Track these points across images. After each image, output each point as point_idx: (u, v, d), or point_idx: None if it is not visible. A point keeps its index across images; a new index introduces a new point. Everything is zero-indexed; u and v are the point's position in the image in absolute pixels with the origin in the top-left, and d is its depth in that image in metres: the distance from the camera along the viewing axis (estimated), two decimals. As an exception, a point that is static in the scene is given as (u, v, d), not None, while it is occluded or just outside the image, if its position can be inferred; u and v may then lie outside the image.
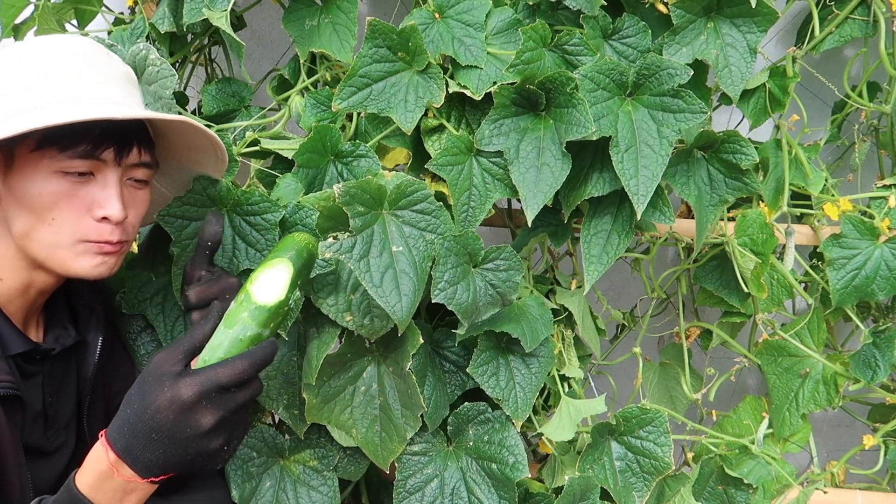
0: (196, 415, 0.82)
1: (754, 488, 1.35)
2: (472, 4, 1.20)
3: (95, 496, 0.84)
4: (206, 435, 0.83)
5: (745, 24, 1.24)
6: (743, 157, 1.24)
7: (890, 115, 1.46)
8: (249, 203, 1.14)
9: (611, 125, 1.16)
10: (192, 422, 0.82)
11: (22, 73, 0.93)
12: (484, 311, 1.16)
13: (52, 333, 1.05)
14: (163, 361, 0.85)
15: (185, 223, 1.13)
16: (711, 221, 1.29)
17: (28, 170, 0.92)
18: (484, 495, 1.20)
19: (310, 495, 1.22)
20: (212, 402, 0.83)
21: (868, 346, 1.38)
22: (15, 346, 0.97)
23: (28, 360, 0.99)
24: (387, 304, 1.05)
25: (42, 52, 0.95)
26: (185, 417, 0.82)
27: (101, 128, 0.92)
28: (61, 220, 0.93)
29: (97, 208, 0.94)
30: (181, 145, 1.07)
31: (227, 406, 0.84)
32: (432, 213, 1.11)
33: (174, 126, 1.02)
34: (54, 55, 0.95)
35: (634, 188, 1.15)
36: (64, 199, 0.93)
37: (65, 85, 0.93)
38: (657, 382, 1.54)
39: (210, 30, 1.40)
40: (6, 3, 1.46)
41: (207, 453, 0.84)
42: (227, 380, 0.84)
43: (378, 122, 1.24)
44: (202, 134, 1.01)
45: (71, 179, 0.93)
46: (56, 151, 0.92)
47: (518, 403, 1.21)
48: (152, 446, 0.82)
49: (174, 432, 0.82)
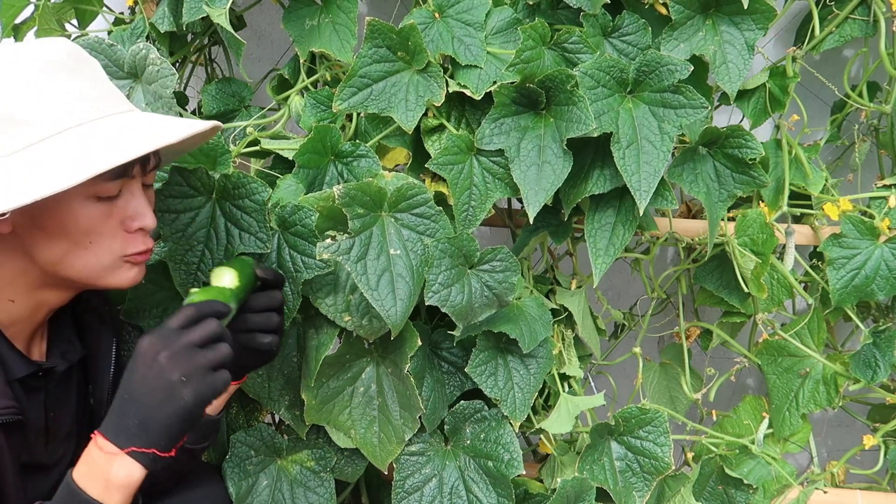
0: (153, 357, 0.86)
1: (754, 488, 1.35)
2: (472, 4, 1.20)
3: (87, 485, 0.84)
4: (162, 368, 0.85)
5: (744, 22, 1.24)
6: (748, 151, 1.24)
7: (890, 115, 1.46)
8: (235, 187, 1.12)
9: (612, 122, 1.16)
10: (151, 364, 0.85)
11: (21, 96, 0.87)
12: (480, 313, 1.15)
13: (57, 349, 1.03)
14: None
15: (172, 216, 1.12)
16: (721, 217, 1.30)
17: (58, 200, 0.87)
18: (482, 493, 1.20)
19: (306, 496, 1.22)
20: (161, 339, 0.87)
21: (868, 346, 1.38)
22: (18, 370, 0.95)
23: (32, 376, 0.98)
24: (382, 308, 1.05)
25: (36, 57, 0.89)
26: (145, 362, 0.86)
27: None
28: (99, 241, 0.92)
29: (130, 221, 0.94)
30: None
31: (179, 343, 0.87)
32: (431, 216, 1.11)
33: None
34: (51, 59, 0.90)
35: (637, 184, 1.15)
36: (99, 221, 0.92)
37: (84, 96, 0.90)
38: (657, 382, 1.53)
39: (210, 29, 1.40)
40: (6, 3, 1.46)
41: (166, 385, 0.85)
42: (175, 322, 0.89)
43: (378, 121, 1.24)
44: (204, 136, 1.01)
45: (102, 200, 0.91)
46: (92, 179, 0.87)
47: (516, 404, 1.21)
48: (130, 411, 0.85)
49: (137, 383, 0.85)
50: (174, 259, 1.13)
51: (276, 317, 1.07)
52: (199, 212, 1.13)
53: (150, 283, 1.19)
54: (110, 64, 1.19)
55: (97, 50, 1.19)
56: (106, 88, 0.95)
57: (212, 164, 1.16)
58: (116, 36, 1.38)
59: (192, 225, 1.13)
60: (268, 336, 1.06)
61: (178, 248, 1.13)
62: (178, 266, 1.13)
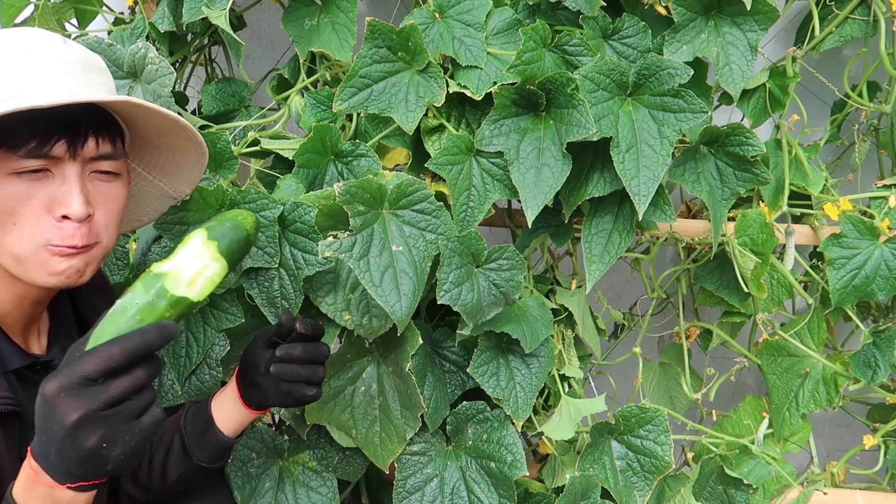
0: (58, 409, 0.72)
1: (754, 488, 1.35)
2: (473, 4, 1.20)
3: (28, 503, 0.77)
4: (72, 433, 0.71)
5: (746, 23, 1.24)
6: (750, 149, 1.24)
7: (890, 115, 1.46)
8: (246, 202, 1.13)
9: (611, 125, 1.16)
10: (57, 417, 0.72)
11: None
12: (488, 311, 1.16)
13: (57, 344, 1.02)
14: (71, 353, 0.76)
15: (182, 228, 1.13)
16: (725, 215, 1.30)
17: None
18: (483, 494, 1.20)
19: (309, 496, 1.22)
20: (73, 396, 0.71)
21: (868, 346, 1.38)
22: (13, 362, 0.94)
23: (30, 369, 0.97)
24: (386, 304, 1.05)
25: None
26: (51, 413, 0.72)
27: (47, 120, 0.86)
28: (22, 224, 0.87)
29: (56, 207, 0.87)
30: (151, 130, 1.00)
31: (94, 399, 0.72)
32: (432, 212, 1.11)
33: (135, 110, 0.93)
34: (1, 49, 0.88)
35: (636, 188, 1.15)
36: (22, 200, 0.86)
37: (9, 79, 0.86)
38: (657, 382, 1.54)
39: (210, 29, 1.40)
40: (6, 3, 1.46)
41: (83, 454, 0.72)
42: (90, 369, 0.72)
43: (378, 121, 1.24)
44: (160, 115, 0.92)
45: (27, 179, 0.86)
46: (5, 153, 0.85)
47: (518, 403, 1.21)
48: (50, 448, 0.73)
49: (50, 430, 0.73)
50: None
51: (321, 371, 1.05)
52: None
53: None
54: (110, 64, 1.19)
55: (96, 50, 1.19)
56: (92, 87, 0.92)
57: (216, 169, 1.17)
58: (116, 36, 1.38)
59: None
60: (312, 388, 1.04)
61: None
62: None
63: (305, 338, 1.04)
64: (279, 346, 1.03)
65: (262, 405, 1.07)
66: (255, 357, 1.06)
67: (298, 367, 1.03)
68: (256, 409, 1.08)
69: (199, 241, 0.88)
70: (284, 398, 1.05)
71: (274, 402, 1.05)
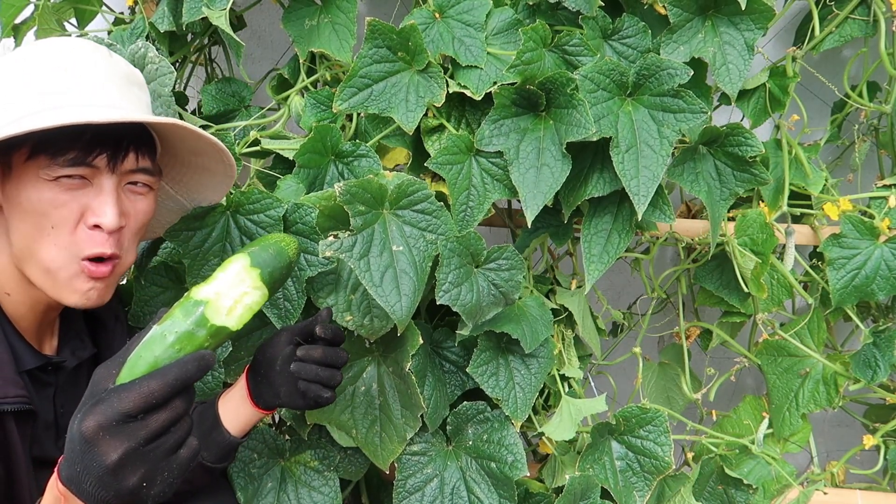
0: (98, 448, 0.70)
1: (754, 488, 1.35)
2: (473, 4, 1.20)
3: None
4: (114, 472, 0.70)
5: (743, 22, 1.24)
6: (748, 149, 1.24)
7: (890, 115, 1.46)
8: (250, 202, 1.14)
9: (611, 126, 1.16)
10: (97, 456, 0.70)
11: (15, 81, 0.91)
12: (487, 311, 1.16)
13: (67, 346, 1.04)
14: (100, 377, 0.75)
15: (189, 234, 1.14)
16: (723, 215, 1.30)
17: (24, 179, 0.90)
18: (483, 494, 1.20)
19: (311, 496, 1.22)
20: (113, 434, 0.70)
21: (868, 346, 1.38)
22: (28, 362, 0.95)
23: (42, 370, 0.99)
24: (387, 304, 1.05)
25: (36, 57, 0.92)
26: (90, 450, 0.70)
27: (91, 133, 0.89)
28: (59, 230, 0.90)
29: (90, 215, 0.91)
30: (185, 149, 1.05)
31: (135, 437, 0.70)
32: (433, 213, 1.11)
33: (173, 129, 0.98)
34: (48, 60, 0.92)
35: (635, 189, 1.15)
36: (56, 206, 0.89)
37: (57, 90, 0.90)
38: (656, 382, 1.53)
39: (210, 29, 1.40)
40: (6, 3, 1.46)
41: (123, 492, 0.71)
42: (130, 406, 0.70)
43: (378, 121, 1.24)
44: (201, 138, 0.98)
45: (64, 186, 0.89)
46: (47, 159, 0.88)
47: (517, 404, 1.21)
48: (86, 480, 0.71)
49: (88, 466, 0.70)
50: (191, 273, 1.14)
51: (339, 375, 1.05)
52: (214, 227, 1.15)
53: (153, 286, 1.19)
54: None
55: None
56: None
57: None
58: (116, 36, 1.38)
59: (208, 240, 1.15)
60: (328, 391, 1.04)
61: (195, 263, 1.14)
62: (194, 281, 1.14)
63: (325, 342, 1.05)
64: (301, 345, 1.04)
65: (271, 405, 1.07)
66: (275, 351, 1.06)
67: (318, 369, 1.03)
68: (265, 408, 1.07)
69: (239, 267, 0.86)
70: (297, 398, 1.05)
71: (285, 400, 1.05)
